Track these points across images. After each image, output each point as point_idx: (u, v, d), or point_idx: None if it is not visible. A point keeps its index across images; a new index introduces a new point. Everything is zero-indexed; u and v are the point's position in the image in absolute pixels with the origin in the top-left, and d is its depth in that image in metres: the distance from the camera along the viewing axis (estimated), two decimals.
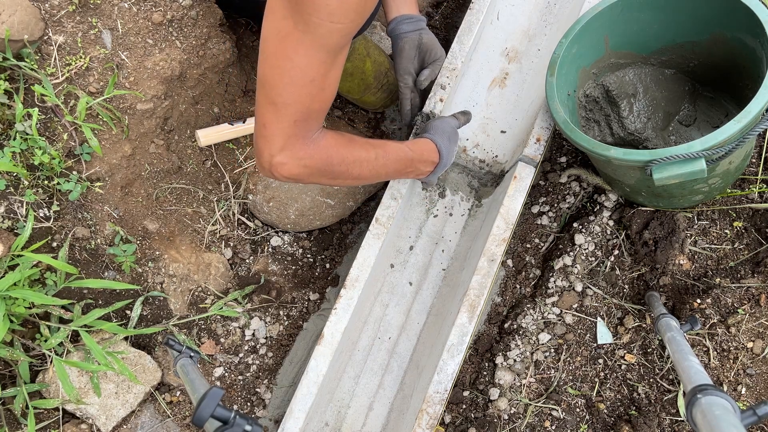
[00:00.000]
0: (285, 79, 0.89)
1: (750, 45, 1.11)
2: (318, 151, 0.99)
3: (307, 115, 0.94)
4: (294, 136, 0.95)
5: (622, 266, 1.33)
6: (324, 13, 0.81)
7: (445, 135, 1.24)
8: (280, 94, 0.90)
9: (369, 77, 1.45)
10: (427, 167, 1.22)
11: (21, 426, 1.17)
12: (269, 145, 0.95)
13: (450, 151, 1.25)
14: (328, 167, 1.02)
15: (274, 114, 0.92)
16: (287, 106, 0.91)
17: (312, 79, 0.89)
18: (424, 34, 1.32)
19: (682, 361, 0.89)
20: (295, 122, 0.93)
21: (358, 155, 1.07)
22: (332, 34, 0.85)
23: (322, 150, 1.00)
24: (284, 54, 0.87)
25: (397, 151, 1.15)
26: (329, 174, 1.04)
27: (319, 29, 0.83)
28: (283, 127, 0.93)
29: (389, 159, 1.13)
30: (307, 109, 0.93)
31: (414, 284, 1.44)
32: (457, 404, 1.33)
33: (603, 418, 1.25)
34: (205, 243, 1.39)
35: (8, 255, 1.10)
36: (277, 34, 0.86)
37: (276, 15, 0.85)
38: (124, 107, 1.22)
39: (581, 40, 1.23)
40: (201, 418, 0.66)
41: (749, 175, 1.29)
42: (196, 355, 1.01)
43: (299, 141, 0.96)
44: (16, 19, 1.11)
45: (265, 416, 1.41)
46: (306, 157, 0.98)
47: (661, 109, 1.35)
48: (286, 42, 0.86)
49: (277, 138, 0.94)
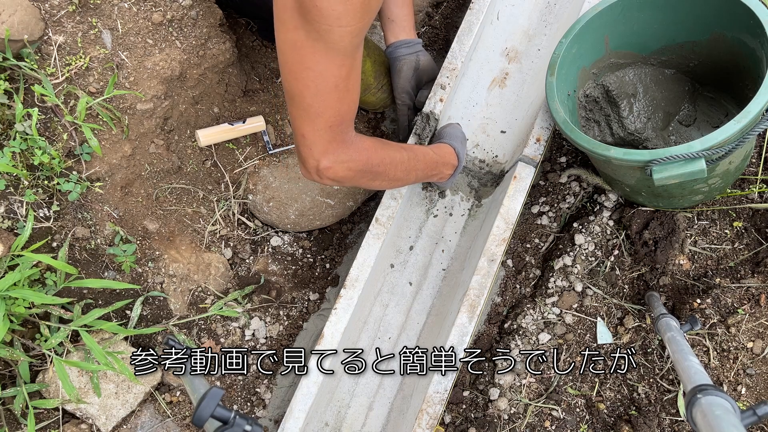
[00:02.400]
0: (311, 89, 0.91)
1: (750, 45, 1.11)
2: (358, 154, 1.04)
3: (341, 118, 0.97)
4: (333, 141, 0.98)
5: (622, 266, 1.33)
6: (331, 19, 0.82)
7: (458, 140, 1.32)
8: (311, 105, 0.93)
9: (369, 77, 1.45)
10: (448, 170, 1.30)
11: (21, 426, 1.17)
12: (312, 153, 0.99)
13: (464, 154, 1.33)
14: (369, 168, 1.07)
15: (310, 123, 0.95)
16: (319, 115, 0.94)
17: (336, 85, 0.92)
18: (421, 56, 1.41)
19: (682, 361, 0.89)
20: (330, 127, 0.96)
21: (393, 157, 1.12)
22: (343, 38, 0.86)
23: (362, 152, 1.05)
24: (303, 64, 0.89)
25: (425, 154, 1.23)
26: (370, 174, 1.08)
27: (330, 35, 0.85)
28: (320, 134, 0.97)
29: (419, 161, 1.20)
30: (339, 113, 0.96)
31: (414, 284, 1.44)
32: (457, 404, 1.33)
33: (603, 418, 1.25)
34: (205, 243, 1.39)
35: (8, 255, 1.11)
36: (293, 45, 0.88)
37: (287, 27, 0.87)
38: (124, 107, 1.22)
39: (581, 40, 1.23)
40: (201, 418, 0.66)
41: (749, 175, 1.29)
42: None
43: (339, 145, 1.00)
44: (16, 19, 1.11)
45: (265, 416, 1.41)
46: (348, 160, 1.02)
47: (661, 109, 1.35)
48: (302, 52, 0.87)
49: (318, 145, 0.98)
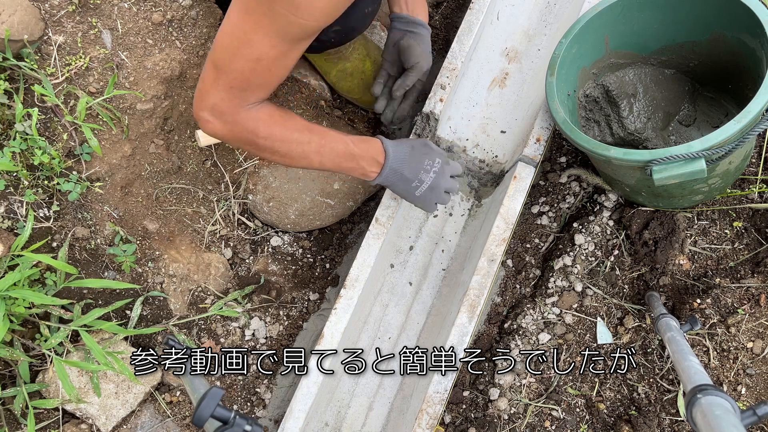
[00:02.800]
0: (235, 48, 0.92)
1: (750, 45, 1.11)
2: (246, 121, 1.02)
3: (246, 85, 0.97)
4: (227, 100, 0.98)
5: (622, 266, 1.33)
6: (289, 6, 0.83)
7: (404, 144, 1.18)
8: (226, 62, 0.94)
9: (369, 77, 1.45)
10: (371, 167, 1.15)
11: (21, 426, 1.17)
12: (201, 100, 0.99)
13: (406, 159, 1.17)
14: (253, 138, 1.04)
15: (215, 75, 0.96)
16: (228, 73, 0.95)
17: (259, 58, 0.92)
18: (407, 37, 1.27)
19: (682, 361, 0.89)
20: (231, 88, 0.97)
21: (289, 136, 1.06)
22: (292, 26, 0.87)
23: (250, 121, 1.02)
24: (241, 28, 0.90)
25: (337, 142, 1.12)
26: (253, 144, 1.06)
27: (280, 18, 0.85)
28: (218, 89, 0.97)
29: (325, 148, 1.10)
30: (247, 81, 0.96)
31: (414, 284, 1.44)
32: (457, 404, 1.33)
33: (603, 418, 1.25)
34: (205, 243, 1.39)
35: (8, 255, 1.10)
36: (242, 7, 0.89)
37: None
38: (124, 107, 1.22)
39: (581, 40, 1.23)
40: (201, 418, 0.66)
41: (749, 175, 1.29)
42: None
43: (231, 106, 0.99)
44: (16, 19, 1.11)
45: (265, 416, 1.41)
46: (232, 123, 1.01)
47: (661, 109, 1.35)
48: (247, 18, 0.88)
49: (210, 96, 0.98)
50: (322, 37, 1.17)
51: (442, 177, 1.20)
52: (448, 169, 1.22)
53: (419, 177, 1.18)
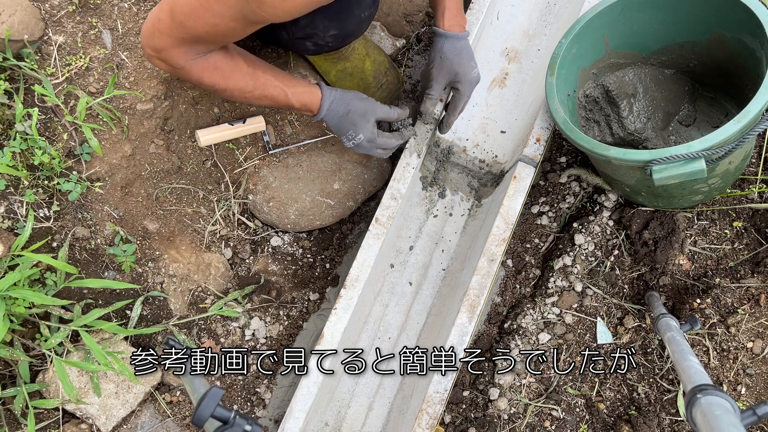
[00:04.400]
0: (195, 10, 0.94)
1: (750, 45, 1.11)
2: (192, 69, 1.05)
3: (197, 41, 1.00)
4: (176, 47, 1.01)
5: (622, 266, 1.33)
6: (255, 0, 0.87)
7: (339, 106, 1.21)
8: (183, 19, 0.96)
9: (368, 77, 1.45)
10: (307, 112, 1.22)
11: (21, 426, 1.17)
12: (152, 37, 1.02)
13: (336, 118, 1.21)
14: (197, 83, 1.09)
15: (170, 22, 0.98)
16: (183, 28, 0.97)
17: (215, 25, 0.96)
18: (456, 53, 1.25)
19: (682, 361, 0.89)
20: (182, 40, 1.00)
21: (231, 86, 1.10)
22: (254, 15, 0.91)
23: (195, 71, 1.06)
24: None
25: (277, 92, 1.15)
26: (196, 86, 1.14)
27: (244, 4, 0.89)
28: (170, 36, 1.00)
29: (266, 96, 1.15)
30: (199, 39, 1.00)
31: (414, 284, 1.44)
32: (457, 404, 1.33)
33: (603, 418, 1.25)
34: (205, 243, 1.39)
35: (8, 255, 1.11)
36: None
37: None
38: (124, 107, 1.22)
39: (581, 40, 1.23)
40: (201, 418, 0.66)
41: (749, 175, 1.29)
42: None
43: (179, 53, 1.02)
44: (16, 19, 1.11)
45: (265, 416, 1.41)
46: (177, 67, 1.04)
47: (661, 109, 1.35)
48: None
49: (161, 39, 1.00)
50: (318, 41, 1.17)
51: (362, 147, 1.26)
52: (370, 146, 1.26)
53: (345, 136, 1.24)
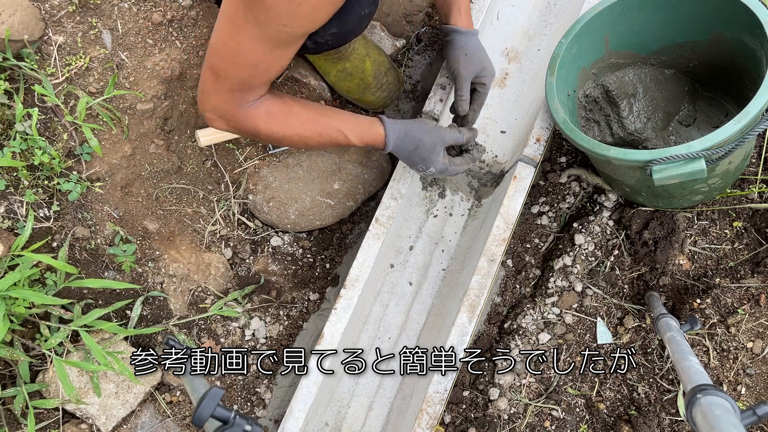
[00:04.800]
0: (230, 58, 0.95)
1: (750, 45, 1.11)
2: (247, 120, 1.05)
3: (245, 87, 1.00)
4: (228, 101, 1.02)
5: (622, 266, 1.33)
6: (272, 15, 0.85)
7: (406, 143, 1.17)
8: (223, 68, 0.97)
9: (369, 77, 1.45)
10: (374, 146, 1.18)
11: (21, 426, 1.17)
12: (205, 101, 1.03)
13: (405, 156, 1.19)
14: (255, 134, 1.09)
15: (214, 80, 0.99)
16: (227, 79, 0.98)
17: (255, 64, 0.95)
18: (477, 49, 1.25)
19: (682, 361, 0.89)
20: (230, 91, 1.00)
21: (288, 132, 1.10)
22: (280, 33, 0.89)
23: (250, 120, 1.06)
24: (233, 37, 0.92)
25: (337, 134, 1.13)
26: (256, 138, 1.11)
27: (267, 27, 0.88)
28: (219, 92, 1.00)
29: (325, 140, 1.13)
30: (246, 84, 1.00)
31: (414, 284, 1.44)
32: (457, 404, 1.33)
33: (603, 418, 1.25)
34: (205, 243, 1.39)
35: (8, 255, 1.11)
36: (230, 18, 0.90)
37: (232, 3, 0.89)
38: (124, 107, 1.22)
39: (581, 40, 1.23)
40: (201, 418, 0.66)
41: (749, 175, 1.29)
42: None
43: (232, 106, 1.03)
44: (16, 19, 1.11)
45: (265, 416, 1.41)
46: (233, 121, 1.05)
47: (661, 109, 1.35)
48: (237, 27, 0.90)
49: (212, 98, 1.02)
50: (318, 39, 1.17)
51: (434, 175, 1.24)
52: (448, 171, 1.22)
53: (416, 168, 1.22)
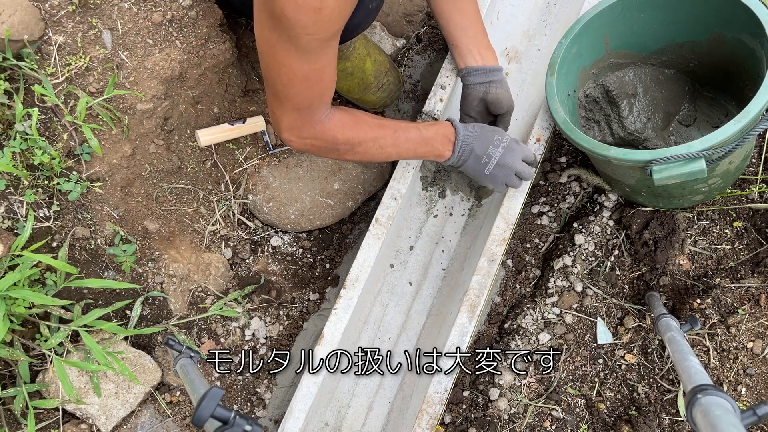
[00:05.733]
0: (282, 78, 0.98)
1: (750, 45, 1.11)
2: (323, 133, 1.09)
3: (309, 103, 1.03)
4: (298, 119, 1.05)
5: (622, 266, 1.33)
6: (299, 28, 0.87)
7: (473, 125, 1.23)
8: (281, 91, 1.00)
9: (369, 77, 1.45)
10: (445, 146, 1.19)
11: (21, 426, 1.17)
12: (279, 126, 1.08)
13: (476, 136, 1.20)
14: (333, 146, 1.11)
15: (278, 104, 1.04)
16: (288, 99, 1.01)
17: (306, 77, 0.97)
18: (492, 88, 1.26)
19: (682, 361, 0.89)
20: (297, 110, 1.03)
21: (363, 136, 1.13)
22: (311, 43, 0.91)
23: (327, 132, 1.09)
24: (276, 59, 0.95)
25: (409, 130, 1.18)
26: (335, 152, 1.13)
27: (299, 40, 0.90)
28: (287, 114, 1.04)
29: (400, 139, 1.16)
30: (307, 99, 1.02)
31: (414, 284, 1.44)
32: (457, 404, 1.33)
33: (603, 418, 1.25)
34: (205, 243, 1.39)
35: (8, 255, 1.10)
36: (266, 42, 0.94)
37: (263, 26, 0.92)
38: (124, 107, 1.22)
39: (581, 40, 1.23)
40: (201, 418, 0.66)
41: (749, 175, 1.29)
42: (196, 355, 1.01)
43: (304, 124, 1.06)
44: (16, 19, 1.11)
45: (265, 416, 1.41)
46: (310, 137, 1.08)
47: (661, 109, 1.35)
48: (275, 50, 0.94)
49: (284, 121, 1.06)
50: None
51: (510, 155, 1.21)
52: (519, 149, 1.22)
53: (488, 152, 1.20)
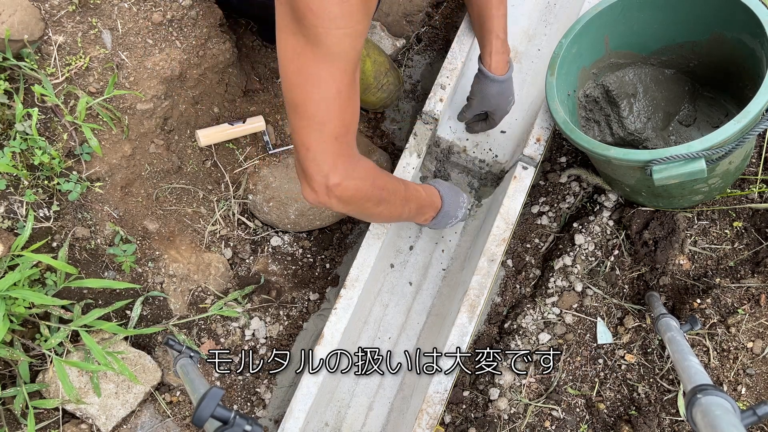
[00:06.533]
0: (314, 97, 0.86)
1: (750, 45, 1.11)
2: (366, 172, 0.97)
3: (346, 129, 0.90)
4: (341, 154, 0.91)
5: (622, 266, 1.33)
6: (327, 21, 0.79)
7: (444, 186, 1.27)
8: (314, 113, 0.87)
9: (369, 77, 1.45)
10: (431, 212, 1.23)
11: (21, 426, 1.17)
12: (320, 167, 0.90)
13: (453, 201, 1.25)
14: (374, 191, 0.99)
15: (315, 134, 0.88)
16: (325, 123, 0.87)
17: (339, 91, 0.86)
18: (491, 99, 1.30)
19: (682, 361, 0.89)
20: (336, 138, 0.89)
21: (392, 184, 1.06)
22: (343, 41, 0.82)
23: (368, 171, 0.98)
24: (304, 71, 0.84)
25: (416, 189, 1.16)
26: (374, 200, 1.00)
27: (328, 38, 0.80)
28: (327, 145, 0.89)
29: (410, 193, 1.13)
30: (343, 122, 0.89)
31: (414, 284, 1.44)
32: (457, 404, 1.33)
33: (603, 418, 1.25)
34: (205, 243, 1.39)
35: (8, 255, 1.11)
36: (293, 52, 0.84)
37: (286, 33, 0.83)
38: (124, 107, 1.22)
39: (581, 40, 1.23)
40: (201, 418, 0.66)
41: (749, 175, 1.29)
42: (196, 355, 1.01)
43: (348, 159, 0.93)
44: (16, 19, 1.11)
45: (265, 416, 1.41)
46: (357, 177, 0.94)
47: (661, 109, 1.35)
48: (303, 58, 0.83)
49: (326, 157, 0.90)
50: None
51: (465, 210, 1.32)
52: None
53: (456, 214, 1.27)
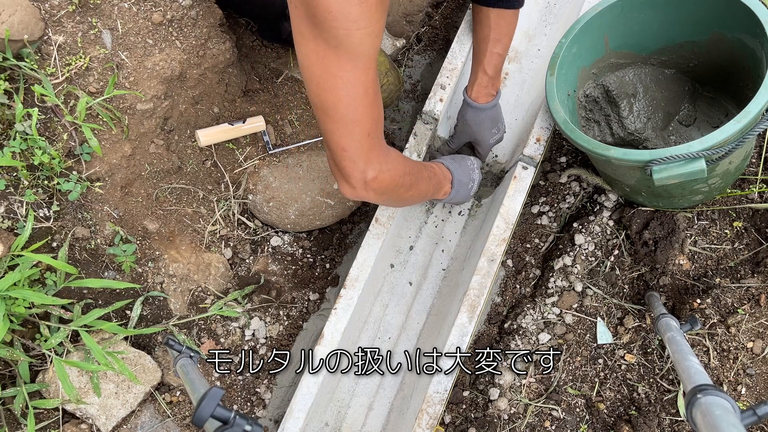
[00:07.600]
0: (343, 98, 0.88)
1: (750, 45, 1.11)
2: (396, 161, 1.03)
3: (375, 124, 0.95)
4: (374, 148, 0.96)
5: (622, 266, 1.33)
6: (348, 22, 0.80)
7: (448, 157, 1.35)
8: (346, 114, 0.90)
9: None
10: (446, 184, 1.30)
11: (21, 426, 1.17)
12: (357, 165, 0.96)
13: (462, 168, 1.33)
14: (404, 178, 1.06)
15: (348, 134, 0.92)
16: (357, 123, 0.91)
17: (366, 89, 0.89)
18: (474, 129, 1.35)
19: (682, 361, 0.89)
20: (368, 135, 0.94)
21: (415, 167, 1.13)
22: (364, 41, 0.83)
23: (398, 159, 1.04)
24: (330, 73, 0.86)
25: (430, 167, 1.24)
26: (404, 186, 1.07)
27: (350, 39, 0.82)
28: (362, 143, 0.94)
29: (429, 173, 1.21)
30: (373, 118, 0.93)
31: (414, 284, 1.44)
32: (457, 404, 1.33)
33: (603, 418, 1.24)
34: (205, 243, 1.39)
35: (8, 255, 1.10)
36: (316, 56, 0.85)
37: (306, 38, 0.84)
38: (124, 107, 1.22)
39: (581, 40, 1.23)
40: (201, 418, 0.66)
41: (749, 175, 1.29)
42: (196, 355, 1.01)
43: (380, 152, 0.98)
44: (16, 19, 1.11)
45: (265, 416, 1.41)
46: (390, 169, 1.00)
47: (661, 109, 1.35)
48: (327, 62, 0.85)
49: (362, 154, 0.95)
50: None
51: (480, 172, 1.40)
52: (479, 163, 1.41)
53: (472, 177, 1.35)
